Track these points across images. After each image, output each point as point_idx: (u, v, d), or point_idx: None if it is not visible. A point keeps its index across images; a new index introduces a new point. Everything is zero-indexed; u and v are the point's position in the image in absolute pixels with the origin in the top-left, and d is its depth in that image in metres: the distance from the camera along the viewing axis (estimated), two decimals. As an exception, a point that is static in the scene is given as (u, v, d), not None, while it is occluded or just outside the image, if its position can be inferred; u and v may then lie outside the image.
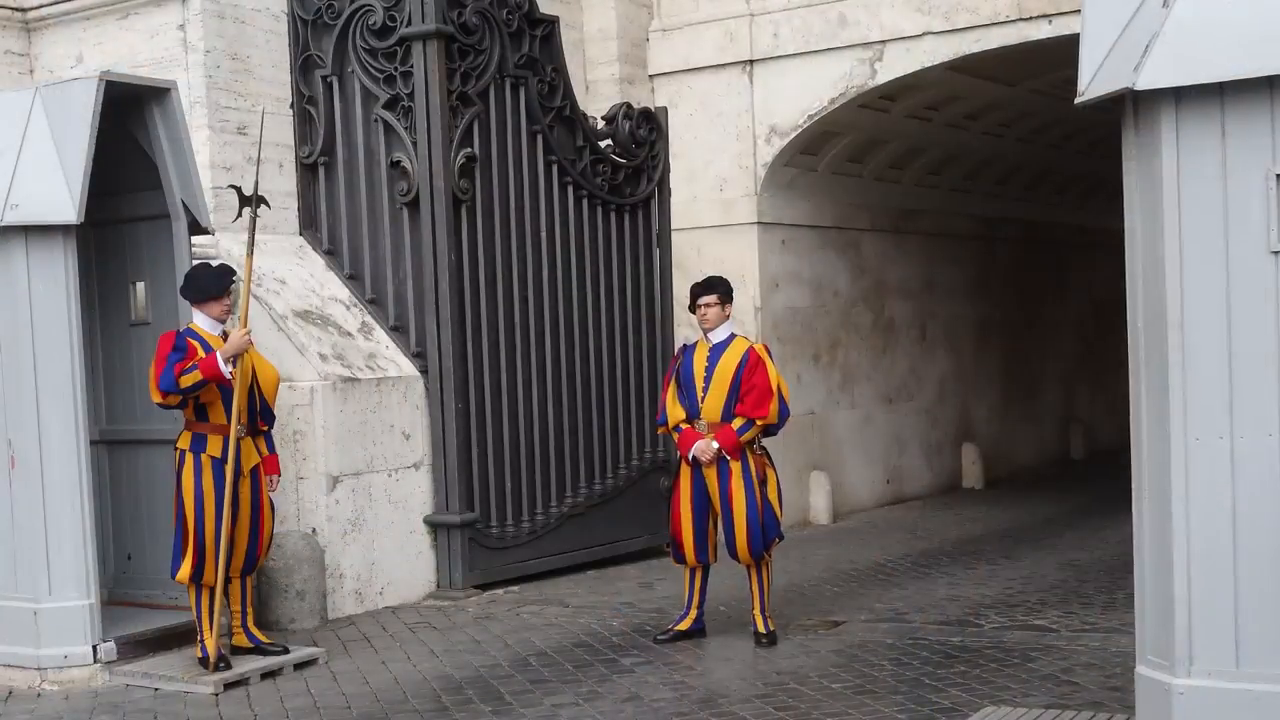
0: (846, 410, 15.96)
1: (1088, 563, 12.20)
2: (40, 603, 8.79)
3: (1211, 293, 6.15)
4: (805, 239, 15.21)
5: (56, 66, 11.89)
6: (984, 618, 10.04)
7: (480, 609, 10.86)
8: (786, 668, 8.71)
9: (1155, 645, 6.44)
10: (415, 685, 8.60)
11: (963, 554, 12.89)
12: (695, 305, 9.48)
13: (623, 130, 12.85)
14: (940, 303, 17.79)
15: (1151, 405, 6.38)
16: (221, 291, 8.82)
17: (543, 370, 12.09)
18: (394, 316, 11.58)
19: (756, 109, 14.44)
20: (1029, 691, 7.93)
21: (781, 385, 9.36)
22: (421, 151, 11.30)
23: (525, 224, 11.97)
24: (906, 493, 16.96)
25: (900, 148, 15.90)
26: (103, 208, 9.38)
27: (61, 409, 8.80)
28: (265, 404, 9.03)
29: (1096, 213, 21.32)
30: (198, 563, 8.68)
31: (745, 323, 14.10)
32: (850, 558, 12.82)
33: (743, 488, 9.25)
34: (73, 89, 8.93)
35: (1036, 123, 17.11)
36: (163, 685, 8.70)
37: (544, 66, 12.17)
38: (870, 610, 10.42)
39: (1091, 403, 21.62)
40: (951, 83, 14.56)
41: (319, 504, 10.64)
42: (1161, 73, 6.04)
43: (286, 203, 11.66)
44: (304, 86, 11.73)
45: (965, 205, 18.03)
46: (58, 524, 8.79)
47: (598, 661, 9.07)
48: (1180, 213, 6.15)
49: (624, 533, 12.68)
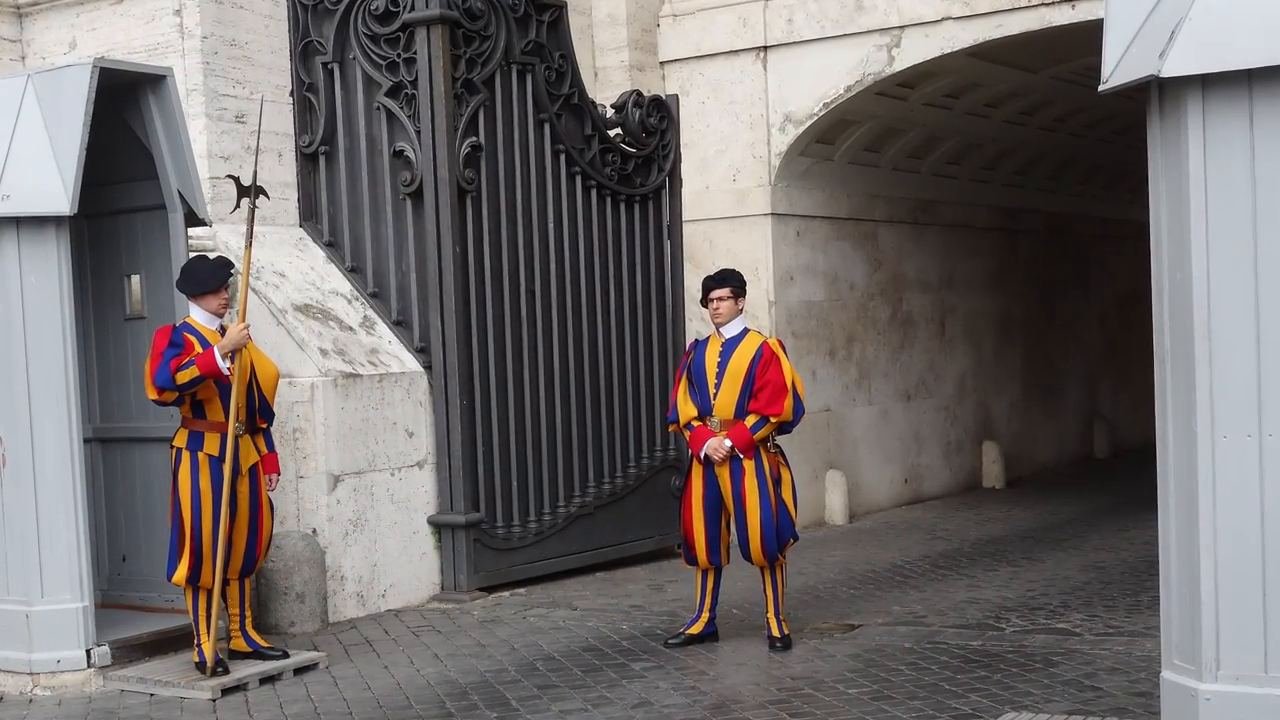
0: (863, 407, 15.95)
1: (1112, 564, 12.18)
2: (32, 605, 8.79)
3: (1239, 285, 6.13)
4: (821, 230, 15.20)
5: (49, 53, 11.89)
6: (1005, 621, 10.03)
7: (485, 612, 10.86)
8: (801, 673, 8.71)
9: (1181, 649, 6.43)
10: (419, 690, 8.60)
11: (983, 555, 12.88)
12: (707, 299, 9.47)
13: (633, 119, 12.84)
14: (960, 296, 17.78)
15: (1177, 402, 6.37)
16: (219, 285, 8.81)
17: (550, 366, 12.08)
18: (397, 310, 11.58)
19: (771, 96, 14.43)
20: (1051, 697, 7.92)
21: (796, 381, 9.34)
22: (425, 140, 11.30)
23: (532, 215, 11.96)
24: (925, 492, 16.95)
25: (919, 137, 15.88)
26: (97, 199, 9.40)
27: (54, 406, 8.80)
28: (264, 401, 9.03)
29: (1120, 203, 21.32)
30: (194, 564, 8.67)
31: (759, 317, 14.11)
32: (867, 559, 12.82)
33: (756, 487, 9.24)
34: (66, 76, 8.91)
35: (1059, 111, 17.08)
36: (158, 690, 8.70)
37: (551, 53, 12.16)
38: (888, 613, 10.42)
39: (1115, 399, 21.59)
40: (971, 69, 14.55)
41: (319, 504, 10.64)
42: (1188, 59, 6.03)
43: (286, 193, 11.66)
44: (304, 74, 11.73)
45: (985, 196, 18.01)
46: (50, 524, 8.79)
47: (607, 666, 9.06)
48: (1207, 203, 6.14)
49: (633, 534, 12.68)
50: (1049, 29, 13.23)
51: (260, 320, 10.42)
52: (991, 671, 8.54)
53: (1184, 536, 6.37)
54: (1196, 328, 6.19)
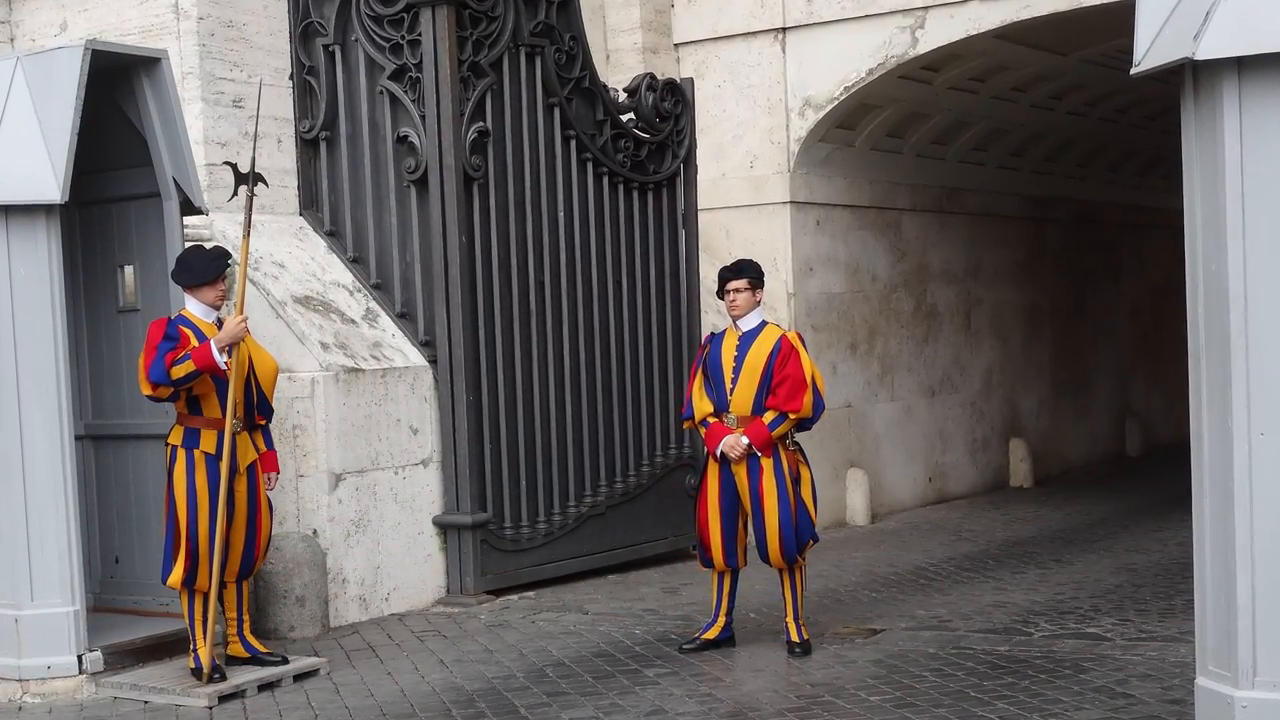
0: (886, 403, 15.93)
1: (1144, 567, 12.17)
2: (21, 609, 8.80)
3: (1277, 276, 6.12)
4: (841, 219, 15.18)
5: (39, 35, 11.90)
6: (1033, 626, 10.02)
7: (493, 616, 10.87)
8: (821, 679, 8.70)
9: (1216, 655, 6.42)
10: (423, 698, 8.61)
11: (1010, 557, 12.87)
12: (723, 291, 9.46)
13: (646, 103, 12.83)
14: (986, 288, 17.76)
15: (1213, 398, 6.36)
16: (216, 276, 8.82)
17: (560, 360, 12.08)
18: (401, 303, 11.58)
19: (789, 80, 14.42)
20: (1081, 705, 7.91)
21: (816, 376, 9.33)
22: (430, 126, 11.29)
23: (541, 203, 11.95)
24: (950, 491, 16.94)
25: (943, 122, 15.86)
26: (88, 186, 9.40)
27: (44, 402, 8.81)
28: (263, 396, 9.03)
29: (1153, 191, 21.28)
30: (190, 567, 8.68)
31: (777, 309, 14.10)
32: (890, 561, 12.82)
33: (774, 486, 9.22)
34: (56, 59, 8.92)
35: (1089, 95, 17.06)
36: (153, 698, 8.70)
37: (561, 35, 12.15)
38: (911, 617, 10.42)
39: (1148, 395, 21.57)
40: (998, 52, 14.52)
41: (320, 503, 10.64)
42: (1223, 41, 6.02)
43: (285, 181, 11.66)
44: (304, 56, 11.73)
45: (1013, 183, 17.99)
46: (40, 525, 8.80)
47: (619, 672, 9.06)
48: (1243, 190, 6.14)
49: (647, 534, 12.68)
50: (1079, 9, 13.19)
51: (258, 313, 10.42)
52: (1019, 678, 8.53)
53: (1219, 538, 6.36)
54: (1233, 321, 6.18)
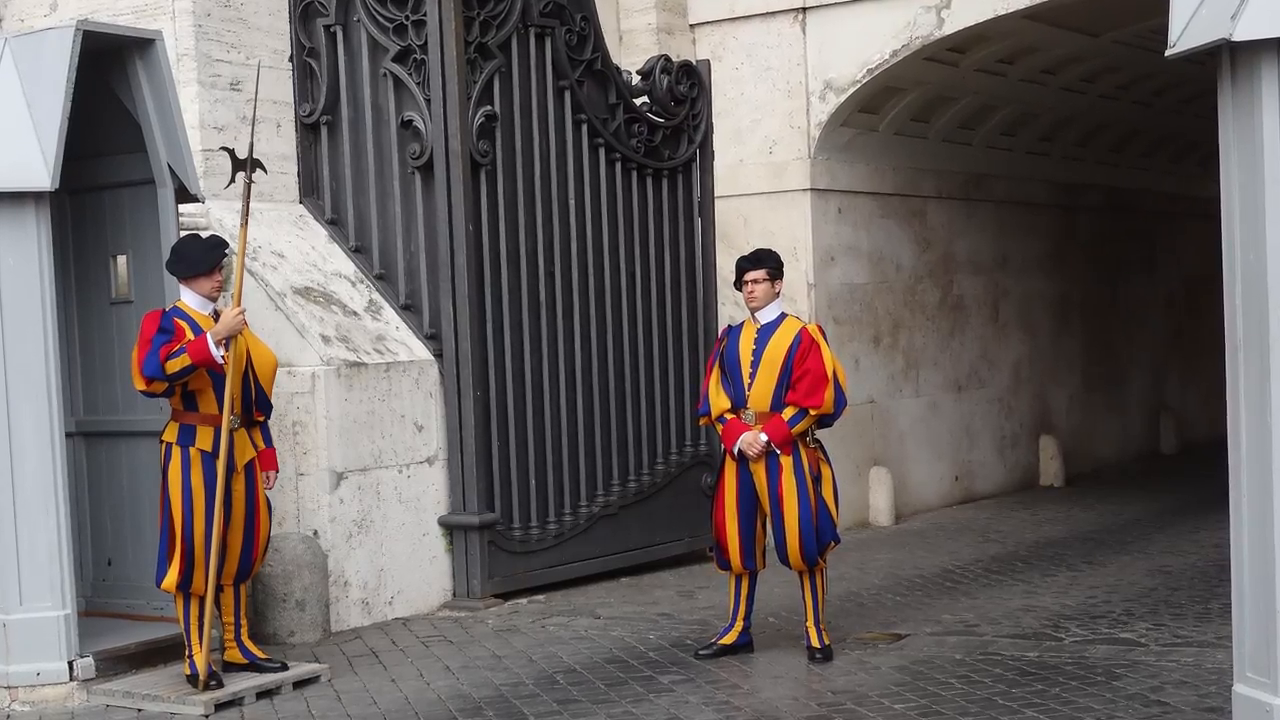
0: (910, 399, 15.92)
1: (1180, 569, 12.16)
2: (10, 614, 8.80)
3: (1320, 267, 6.11)
4: (864, 207, 15.17)
5: (28, 15, 11.90)
6: (1064, 630, 10.01)
7: (501, 620, 10.87)
8: (843, 686, 8.69)
9: (1255, 661, 6.41)
10: (428, 706, 8.61)
11: (1040, 559, 12.87)
12: (741, 281, 9.45)
13: (660, 86, 12.82)
14: (1015, 279, 17.75)
15: (1251, 392, 6.34)
16: (212, 266, 8.82)
17: (571, 354, 12.07)
18: (405, 294, 11.59)
19: (810, 62, 14.40)
20: (1114, 713, 7.89)
21: (838, 371, 9.32)
22: (435, 110, 11.29)
23: (551, 190, 11.95)
24: (977, 491, 16.94)
25: (970, 106, 15.84)
26: (80, 173, 9.41)
27: (34, 398, 8.81)
28: (261, 392, 9.03)
29: (1189, 178, 21.26)
30: (186, 569, 8.68)
31: (797, 301, 14.09)
32: (915, 563, 12.82)
33: (794, 486, 9.21)
34: (46, 40, 8.92)
35: (1122, 77, 17.04)
36: (147, 706, 8.71)
37: (572, 14, 12.14)
38: (937, 622, 10.41)
39: (1183, 390, 21.56)
40: (1027, 32, 14.50)
41: (321, 503, 10.65)
42: (1262, 21, 6.01)
43: (285, 167, 11.67)
44: (304, 37, 11.72)
45: (1042, 169, 17.98)
46: (29, 525, 8.80)
47: (632, 679, 9.06)
48: (1284, 176, 6.12)
49: (661, 535, 12.68)
50: (1112, -12, 13.21)
51: (257, 304, 10.43)
52: (1049, 685, 8.52)
53: (1258, 539, 6.34)
54: (1272, 312, 6.17)
